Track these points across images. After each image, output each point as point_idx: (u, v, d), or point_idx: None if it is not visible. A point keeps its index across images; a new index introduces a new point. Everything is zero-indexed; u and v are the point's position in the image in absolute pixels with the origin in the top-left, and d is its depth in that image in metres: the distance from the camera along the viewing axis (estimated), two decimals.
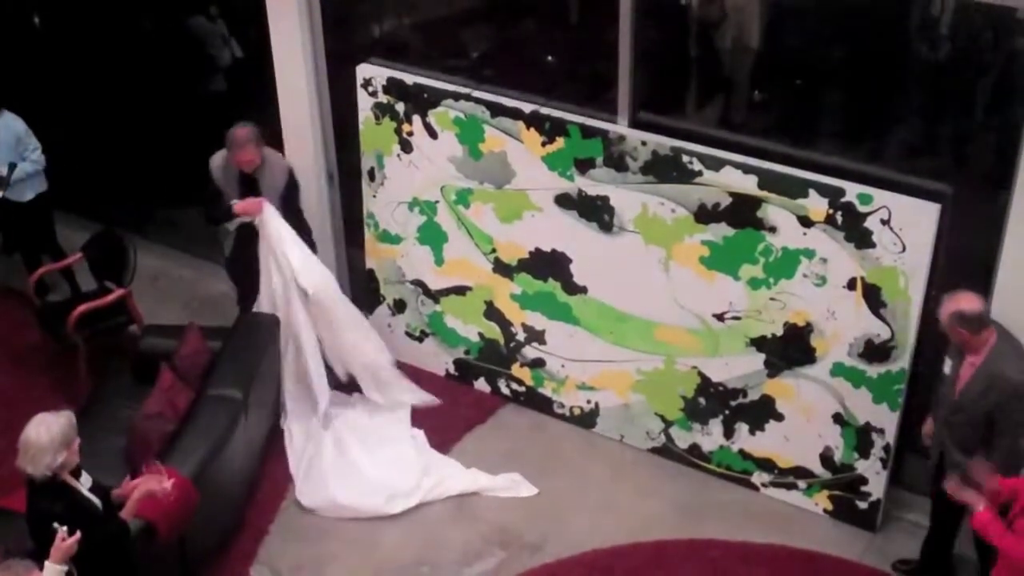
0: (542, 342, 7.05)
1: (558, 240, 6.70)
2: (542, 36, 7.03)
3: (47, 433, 4.78)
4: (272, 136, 7.50)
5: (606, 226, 6.49)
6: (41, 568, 4.53)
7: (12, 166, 7.53)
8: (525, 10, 7.07)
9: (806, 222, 5.91)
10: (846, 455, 6.32)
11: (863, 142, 6.16)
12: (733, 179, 6.02)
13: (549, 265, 6.80)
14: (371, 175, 7.20)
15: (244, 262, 7.06)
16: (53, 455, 4.77)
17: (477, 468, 6.84)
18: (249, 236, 6.96)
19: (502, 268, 6.98)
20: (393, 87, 6.86)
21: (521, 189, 6.69)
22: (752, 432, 6.56)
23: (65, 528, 4.67)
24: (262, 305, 6.94)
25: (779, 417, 6.44)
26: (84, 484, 5.00)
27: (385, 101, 6.92)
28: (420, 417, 7.21)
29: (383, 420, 7.10)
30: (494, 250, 6.96)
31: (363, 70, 6.95)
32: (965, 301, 5.21)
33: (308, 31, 7.09)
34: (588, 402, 7.06)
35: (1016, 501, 4.94)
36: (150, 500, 5.17)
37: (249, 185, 6.89)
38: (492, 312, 7.15)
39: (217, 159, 6.98)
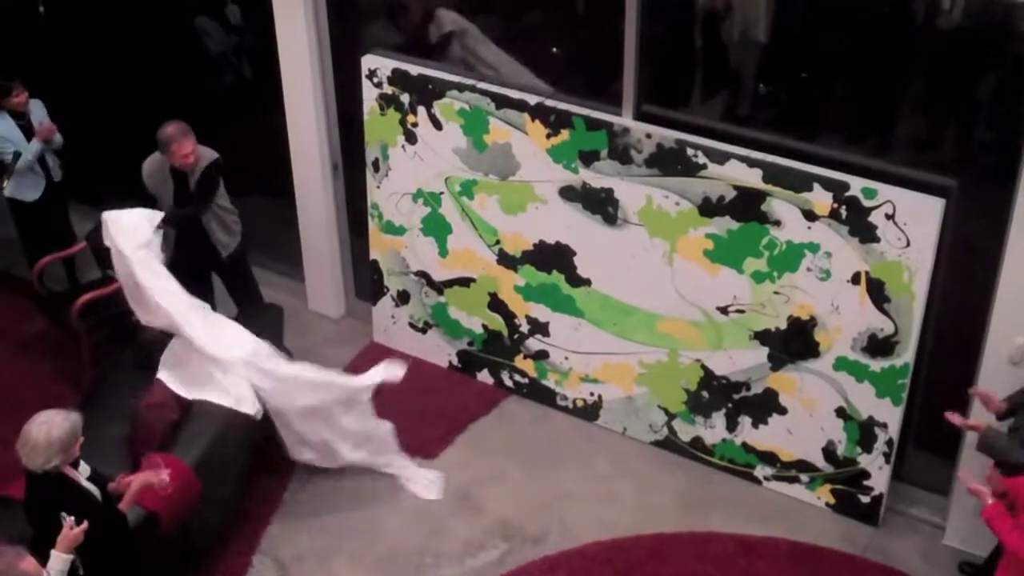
0: (546, 334, 7.05)
1: (562, 232, 6.70)
2: (548, 27, 7.02)
3: (46, 435, 4.73)
4: (277, 127, 7.52)
5: (610, 218, 6.49)
6: (34, 555, 4.53)
7: (16, 155, 7.53)
8: (531, 1, 7.06)
9: (810, 216, 5.90)
10: (849, 449, 6.32)
11: (868, 136, 6.15)
12: (738, 172, 6.01)
13: (553, 257, 6.79)
14: (375, 166, 7.19)
15: (185, 265, 6.90)
16: (47, 458, 4.74)
17: (479, 460, 6.87)
18: (190, 238, 6.98)
19: (506, 260, 6.98)
20: (398, 78, 6.86)
21: (525, 181, 6.68)
22: (755, 425, 6.56)
23: (72, 518, 4.67)
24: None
25: (782, 411, 6.44)
26: (82, 473, 4.99)
27: (390, 92, 6.91)
28: (423, 409, 7.22)
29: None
30: (498, 242, 6.96)
31: (368, 61, 6.95)
32: None
33: (313, 21, 7.08)
34: (591, 394, 7.07)
35: (1019, 496, 4.96)
36: (149, 492, 5.17)
37: (183, 183, 6.91)
38: (496, 304, 7.15)
39: (150, 163, 6.96)
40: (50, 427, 4.75)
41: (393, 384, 6.41)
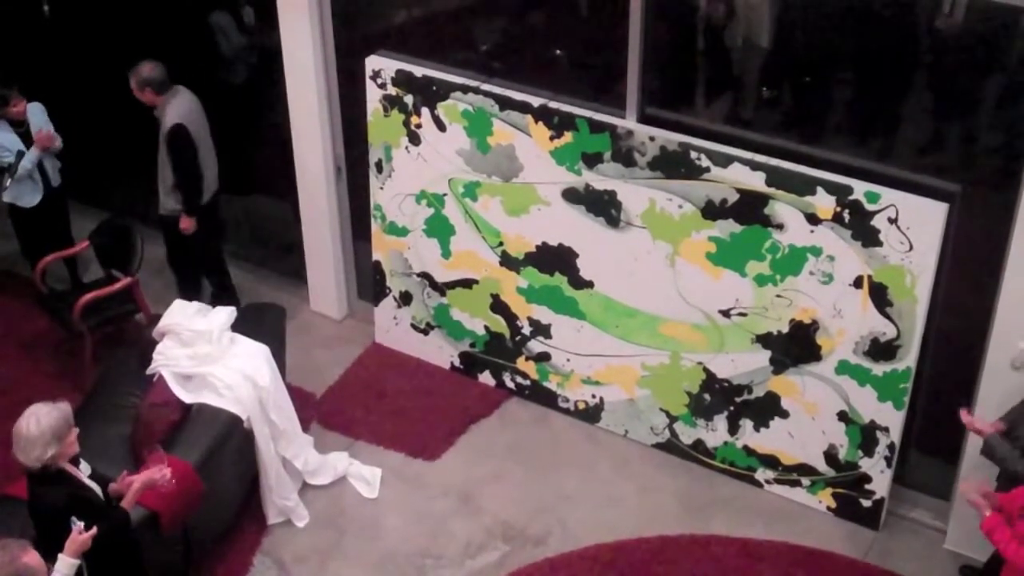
0: (548, 336, 7.05)
1: (565, 234, 6.70)
2: (552, 30, 7.02)
3: (36, 426, 4.72)
4: (280, 128, 7.52)
5: (613, 221, 6.49)
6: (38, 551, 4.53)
7: (20, 154, 7.52)
8: (535, 3, 7.06)
9: (813, 220, 5.90)
10: (850, 453, 6.32)
11: (872, 140, 6.16)
12: (741, 176, 6.02)
13: (556, 259, 6.80)
14: (379, 167, 7.20)
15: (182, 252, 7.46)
16: (43, 448, 4.73)
17: (481, 461, 6.87)
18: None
19: (509, 261, 6.98)
20: (402, 79, 6.86)
21: (529, 183, 6.69)
22: (757, 429, 6.56)
23: (82, 523, 4.66)
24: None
25: (784, 414, 6.44)
26: (83, 472, 4.98)
27: (394, 93, 6.91)
28: (425, 410, 7.23)
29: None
30: (501, 243, 6.96)
31: (372, 62, 6.95)
32: None
33: (317, 22, 7.09)
34: (593, 397, 7.07)
35: (1013, 509, 4.96)
36: (152, 490, 5.16)
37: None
38: (498, 305, 7.15)
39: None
40: (38, 418, 4.75)
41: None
